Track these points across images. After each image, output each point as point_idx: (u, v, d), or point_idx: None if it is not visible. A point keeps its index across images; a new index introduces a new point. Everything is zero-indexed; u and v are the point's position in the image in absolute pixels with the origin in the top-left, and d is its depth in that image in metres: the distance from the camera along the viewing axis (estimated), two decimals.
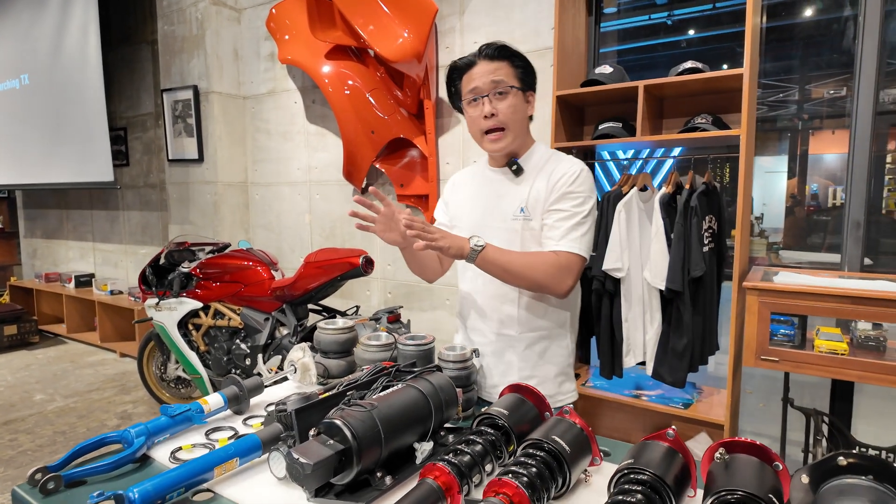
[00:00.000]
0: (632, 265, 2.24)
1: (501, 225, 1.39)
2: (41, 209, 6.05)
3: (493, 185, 1.43)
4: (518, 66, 1.33)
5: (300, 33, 3.10)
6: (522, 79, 1.34)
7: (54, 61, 4.47)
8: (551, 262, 1.30)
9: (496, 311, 1.42)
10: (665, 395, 2.31)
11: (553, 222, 1.33)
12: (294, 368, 1.49)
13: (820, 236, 5.97)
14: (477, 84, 1.31)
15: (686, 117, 2.25)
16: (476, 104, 1.33)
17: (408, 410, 1.03)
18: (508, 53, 1.32)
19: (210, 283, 2.84)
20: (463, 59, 1.35)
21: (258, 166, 3.91)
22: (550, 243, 1.32)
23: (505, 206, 1.39)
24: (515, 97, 1.32)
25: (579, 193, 1.33)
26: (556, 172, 1.35)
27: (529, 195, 1.37)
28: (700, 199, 2.12)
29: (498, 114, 1.31)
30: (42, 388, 3.79)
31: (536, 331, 1.41)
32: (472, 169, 1.53)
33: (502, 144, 1.35)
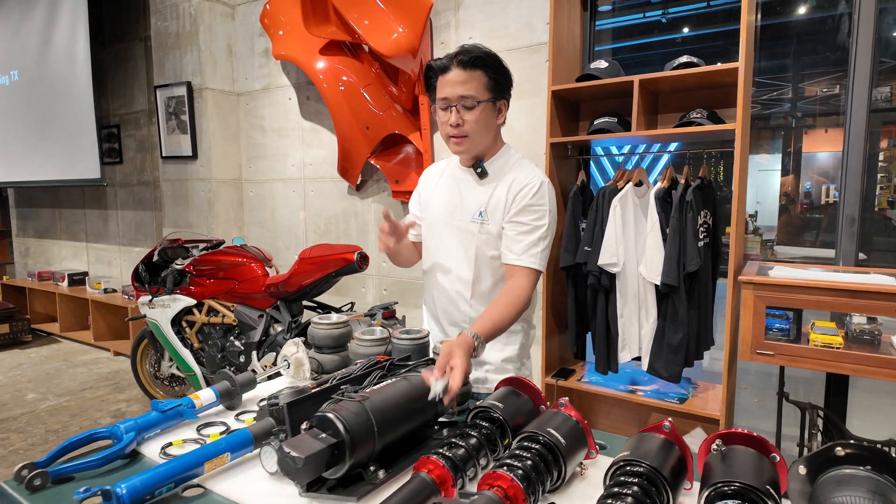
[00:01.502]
0: (627, 260, 2.24)
1: (460, 224, 1.43)
2: (33, 208, 6.00)
3: (459, 183, 1.46)
4: (491, 76, 1.32)
5: (294, 29, 3.08)
6: (494, 89, 1.33)
7: (43, 58, 4.43)
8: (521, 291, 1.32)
9: (454, 308, 1.47)
10: (660, 391, 2.31)
11: (514, 235, 1.36)
12: (287, 364, 1.48)
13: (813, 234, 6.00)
14: (447, 94, 1.32)
15: (681, 112, 2.25)
16: (446, 111, 1.34)
17: (402, 403, 1.02)
18: (482, 63, 1.30)
19: (204, 279, 2.82)
20: (438, 60, 1.35)
21: (252, 163, 3.89)
22: (511, 257, 1.36)
23: (466, 207, 1.43)
24: (484, 110, 1.33)
25: (539, 207, 1.36)
26: (518, 182, 1.37)
27: (490, 200, 1.39)
28: (695, 193, 2.12)
29: (464, 125, 1.33)
30: (34, 386, 3.76)
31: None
32: (445, 164, 1.55)
33: (463, 148, 1.37)
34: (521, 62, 2.65)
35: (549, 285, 2.44)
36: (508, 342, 1.47)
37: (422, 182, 1.57)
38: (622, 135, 2.21)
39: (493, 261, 1.41)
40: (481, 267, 1.42)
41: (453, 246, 1.44)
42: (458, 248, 1.43)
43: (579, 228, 2.41)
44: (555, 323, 2.52)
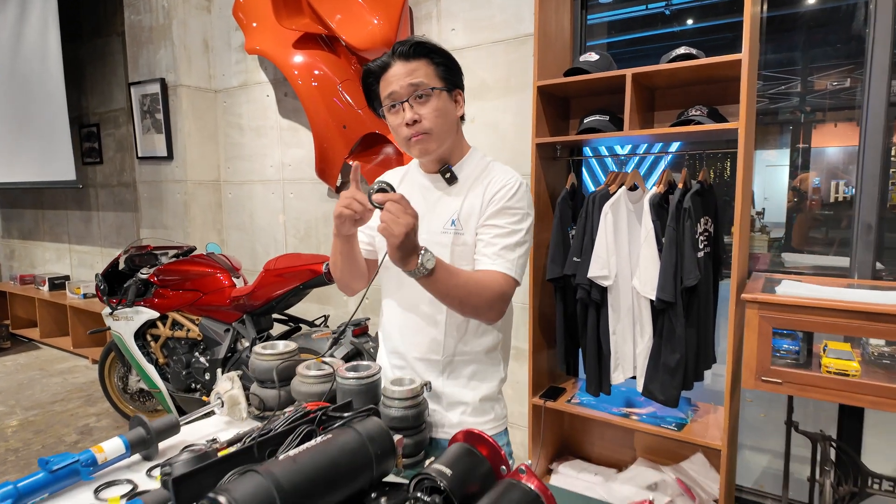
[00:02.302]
0: (620, 272, 2.04)
1: (428, 237, 1.21)
2: (17, 209, 5.85)
3: (423, 192, 1.26)
4: (438, 63, 1.16)
5: (266, 22, 2.89)
6: (445, 77, 1.17)
7: (15, 54, 4.25)
8: (493, 288, 1.12)
9: (421, 335, 1.24)
10: (657, 415, 2.12)
11: (488, 238, 1.16)
12: (221, 401, 1.30)
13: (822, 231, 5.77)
14: (394, 89, 1.14)
15: (679, 109, 2.04)
16: (396, 111, 1.16)
17: (322, 474, 0.83)
18: (426, 50, 1.15)
19: (168, 290, 2.64)
20: (376, 61, 1.18)
21: (231, 163, 3.71)
22: (484, 261, 1.16)
23: (434, 217, 1.22)
24: (439, 99, 1.15)
25: (518, 210, 1.17)
26: (494, 184, 1.19)
27: (462, 207, 1.20)
28: (694, 199, 1.92)
29: (421, 119, 1.14)
30: (4, 399, 3.60)
31: (464, 355, 1.24)
32: (402, 172, 1.34)
33: (426, 146, 1.17)
34: (506, 55, 2.45)
35: (536, 297, 2.25)
36: (486, 378, 1.26)
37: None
38: (614, 134, 2.01)
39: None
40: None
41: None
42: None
43: (568, 237, 2.21)
44: (542, 338, 2.32)
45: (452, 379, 1.23)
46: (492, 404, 1.26)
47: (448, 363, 1.22)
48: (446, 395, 1.23)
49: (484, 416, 1.23)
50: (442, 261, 1.07)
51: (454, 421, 1.22)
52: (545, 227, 2.25)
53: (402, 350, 1.27)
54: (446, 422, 1.22)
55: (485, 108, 2.53)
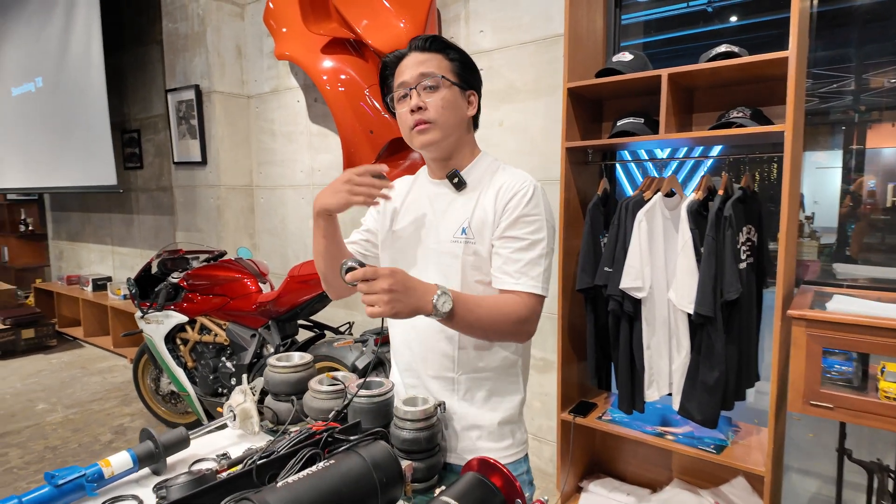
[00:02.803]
0: (655, 284, 1.93)
1: (437, 247, 1.15)
2: (65, 211, 6.08)
3: (431, 199, 1.19)
4: (453, 59, 1.13)
5: (296, 27, 2.89)
6: (459, 74, 1.13)
7: (62, 64, 4.42)
8: (518, 308, 1.06)
9: (432, 350, 1.17)
10: (694, 435, 1.99)
11: (508, 254, 1.09)
12: (233, 414, 1.27)
13: (878, 238, 5.44)
14: (404, 78, 1.11)
15: (720, 111, 1.92)
16: (405, 100, 1.12)
17: (322, 503, 0.78)
18: (441, 45, 1.13)
19: (196, 295, 2.66)
20: (393, 53, 1.16)
21: (263, 168, 3.74)
22: (506, 280, 1.09)
23: (444, 225, 1.15)
24: (449, 91, 1.11)
25: (535, 217, 1.10)
26: (507, 189, 1.11)
27: (474, 214, 1.13)
28: (735, 206, 1.80)
29: (426, 107, 1.09)
30: (46, 396, 3.72)
31: (480, 372, 1.16)
32: (411, 180, 1.29)
33: (429, 138, 1.11)
34: (536, 57, 2.37)
35: (565, 307, 2.16)
36: (505, 398, 1.18)
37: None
38: (649, 138, 1.90)
39: (484, 288, 1.13)
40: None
41: (431, 275, 1.16)
42: (438, 277, 1.14)
43: (600, 245, 2.11)
44: (572, 350, 2.23)
45: (468, 399, 1.16)
46: (511, 428, 1.18)
47: (463, 381, 1.15)
48: (461, 417, 1.16)
49: (501, 442, 1.16)
50: (461, 298, 1.00)
51: (469, 445, 1.15)
52: (575, 234, 2.16)
53: (413, 367, 1.21)
54: (461, 446, 1.15)
55: (513, 111, 2.46)
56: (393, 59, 1.15)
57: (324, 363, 2.23)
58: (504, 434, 1.17)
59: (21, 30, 4.92)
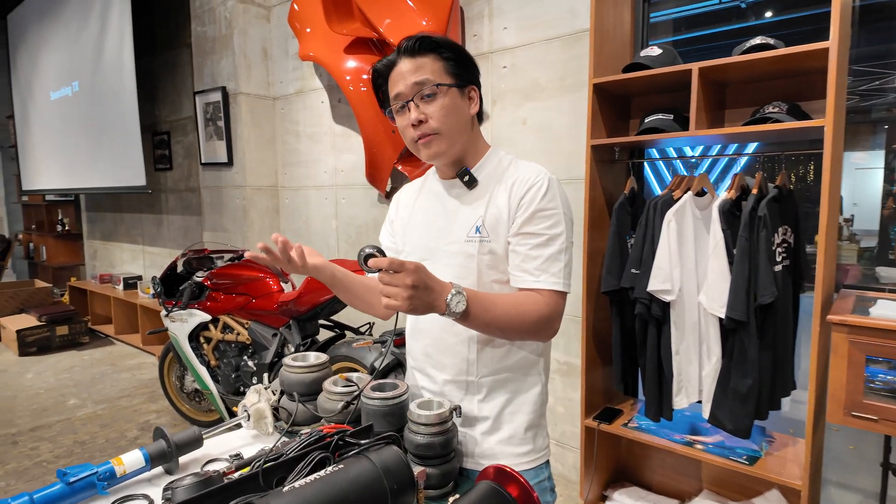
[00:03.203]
0: (684, 286, 1.86)
1: (451, 248, 1.10)
2: (99, 212, 6.25)
3: (442, 199, 1.16)
4: (447, 58, 1.06)
5: (320, 28, 2.90)
6: (456, 73, 1.07)
7: (97, 68, 4.54)
8: (539, 306, 1.02)
9: (449, 352, 1.13)
10: (725, 444, 1.91)
11: (526, 251, 1.05)
12: (248, 414, 1.25)
13: None
14: (399, 89, 1.06)
15: (754, 107, 1.84)
16: (403, 112, 1.08)
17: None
18: (432, 45, 1.06)
19: (219, 294, 2.68)
20: (382, 60, 1.10)
21: (287, 169, 3.76)
22: (526, 278, 1.04)
23: (457, 225, 1.11)
24: (447, 96, 1.05)
25: (551, 211, 1.05)
26: (520, 184, 1.07)
27: (487, 211, 1.08)
28: (770, 206, 1.71)
29: (427, 119, 1.05)
30: (77, 391, 3.81)
31: (500, 373, 1.12)
32: (419, 183, 1.25)
33: (435, 149, 1.07)
34: (561, 53, 2.31)
35: (590, 310, 2.10)
36: (527, 401, 1.13)
37: (393, 209, 1.28)
38: (678, 134, 1.83)
39: (501, 287, 1.09)
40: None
41: (446, 277, 1.12)
42: (453, 278, 1.08)
43: (626, 246, 2.05)
44: (597, 354, 2.16)
45: (486, 402, 1.11)
46: (532, 433, 1.13)
47: (481, 384, 1.11)
48: (480, 421, 1.11)
49: (522, 447, 1.11)
50: (476, 297, 0.96)
51: (488, 450, 1.10)
52: (601, 235, 2.10)
53: (429, 371, 1.17)
54: (479, 451, 1.11)
55: (537, 109, 2.40)
56: (383, 67, 1.09)
57: (343, 363, 2.22)
58: (525, 439, 1.12)
59: (60, 35, 5.08)
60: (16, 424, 3.26)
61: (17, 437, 3.10)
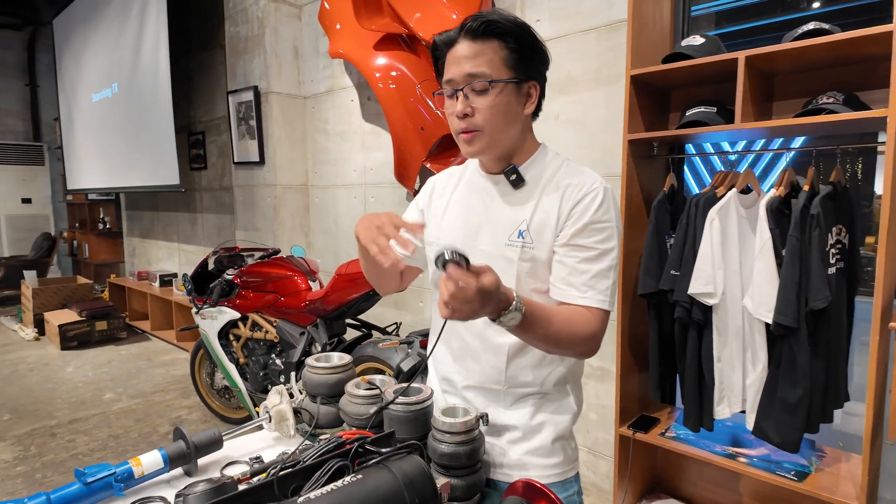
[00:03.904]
0: (728, 289, 1.75)
1: (490, 249, 1.03)
2: (138, 210, 6.41)
3: (484, 195, 1.07)
4: (512, 47, 0.95)
5: (349, 24, 2.87)
6: (517, 66, 0.96)
7: (135, 69, 4.64)
8: (591, 326, 0.96)
9: (479, 360, 1.06)
10: (771, 458, 1.79)
11: (574, 263, 0.97)
12: (269, 416, 1.22)
13: None
14: (452, 75, 0.97)
15: (806, 98, 1.72)
16: (453, 98, 0.99)
17: None
18: (499, 31, 0.94)
19: (249, 292, 2.69)
20: (443, 34, 1.00)
21: (317, 168, 3.76)
22: (572, 293, 0.97)
23: (498, 226, 1.03)
24: (502, 94, 0.96)
25: (605, 224, 0.97)
26: (573, 191, 0.99)
27: (534, 216, 1.00)
28: (824, 203, 1.60)
29: (473, 114, 0.96)
30: (114, 386, 3.90)
31: (530, 383, 1.05)
32: (459, 171, 1.16)
33: (476, 148, 0.99)
34: (597, 45, 2.22)
35: (626, 313, 2.01)
36: (558, 411, 1.06)
37: (424, 197, 1.18)
38: (722, 128, 1.73)
39: (539, 297, 1.02)
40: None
41: None
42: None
43: (666, 246, 1.95)
44: (633, 359, 2.07)
45: (515, 411, 1.05)
46: (562, 444, 1.06)
47: (510, 393, 1.05)
48: (508, 430, 1.05)
49: (551, 458, 1.04)
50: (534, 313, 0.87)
51: (516, 462, 1.04)
52: (638, 234, 2.00)
53: (455, 378, 1.11)
54: (507, 461, 1.05)
55: (571, 103, 2.32)
56: (442, 43, 1.00)
57: (369, 364, 2.18)
58: (555, 450, 1.05)
59: (101, 38, 5.23)
60: (55, 417, 3.35)
61: (56, 429, 3.18)
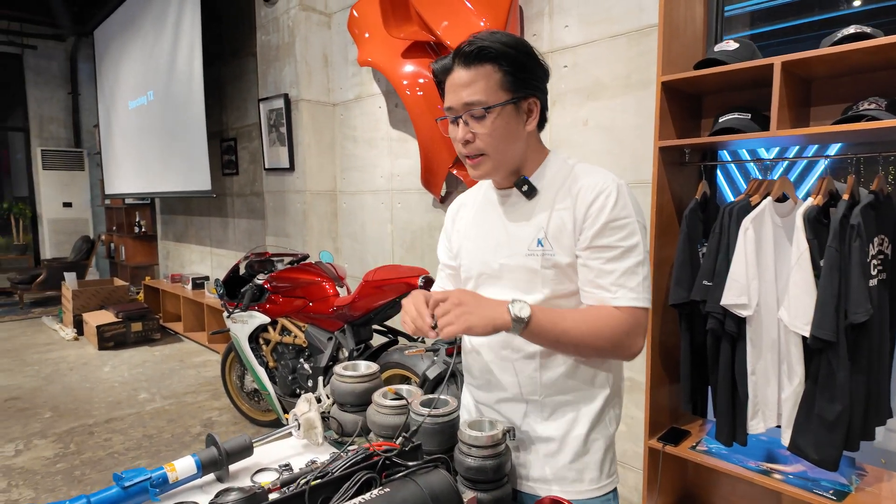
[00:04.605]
0: (763, 300, 1.70)
1: (511, 261, 1.04)
2: (172, 214, 6.59)
3: (499, 210, 1.09)
4: (506, 69, 0.97)
5: (378, 33, 2.91)
6: (513, 87, 0.98)
7: (170, 77, 4.78)
8: (616, 322, 0.95)
9: (509, 370, 1.06)
10: (808, 475, 1.73)
11: (600, 265, 0.97)
12: (298, 423, 1.24)
13: None
14: (451, 103, 1.00)
15: (845, 104, 1.67)
16: (455, 124, 1.01)
17: None
18: (491, 55, 0.96)
19: (278, 297, 2.73)
20: (438, 62, 1.03)
21: (346, 174, 3.81)
22: (602, 295, 0.97)
23: (517, 237, 1.04)
24: (500, 117, 0.98)
25: (625, 220, 0.97)
26: (586, 192, 0.99)
27: (550, 222, 1.01)
28: (866, 213, 1.54)
29: (475, 139, 0.99)
30: (148, 386, 4.01)
31: (566, 392, 1.04)
32: (475, 191, 1.19)
33: (482, 171, 1.02)
34: (627, 50, 2.20)
35: (656, 323, 1.97)
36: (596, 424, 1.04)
37: (449, 222, 1.22)
38: (757, 135, 1.69)
39: (566, 302, 1.02)
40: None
41: (508, 293, 1.05)
42: (516, 294, 1.04)
43: (698, 255, 1.91)
44: (663, 371, 2.03)
45: (552, 422, 1.04)
46: (601, 458, 1.05)
47: (545, 404, 1.04)
48: (544, 442, 1.04)
49: (589, 473, 1.03)
50: (542, 309, 0.93)
51: (551, 475, 1.03)
52: (669, 242, 1.97)
53: (487, 389, 1.10)
54: (539, 474, 1.04)
55: (599, 109, 2.30)
56: (439, 72, 1.03)
57: (395, 370, 2.19)
58: (591, 464, 1.04)
59: (138, 48, 5.40)
60: (93, 415, 3.46)
61: (94, 427, 3.28)
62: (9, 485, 2.64)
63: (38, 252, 8.13)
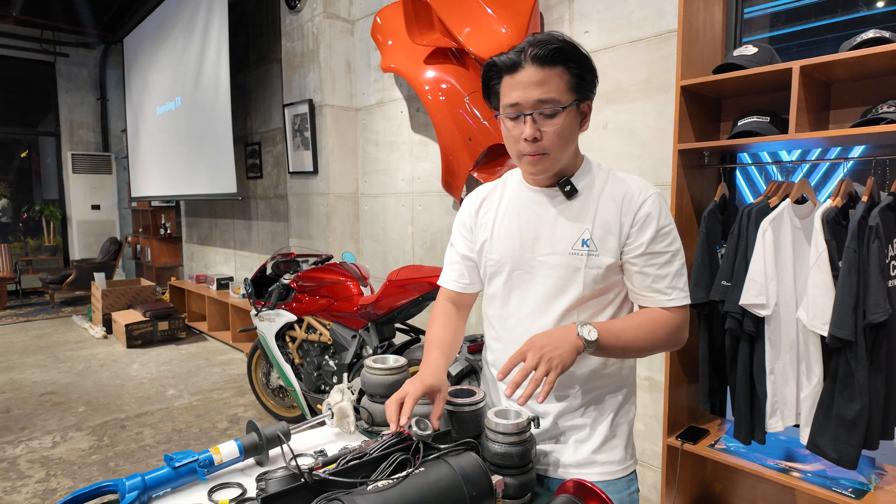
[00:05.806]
0: (781, 301, 1.73)
1: (553, 260, 1.08)
2: (196, 217, 6.76)
3: (538, 208, 1.12)
4: (575, 72, 1.00)
5: (401, 40, 2.98)
6: (578, 88, 1.02)
7: (197, 84, 4.92)
8: (667, 322, 1.06)
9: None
10: (826, 474, 1.75)
11: (655, 271, 1.06)
12: (331, 412, 1.30)
13: None
14: (519, 100, 1.01)
15: (865, 107, 1.69)
16: (518, 121, 1.03)
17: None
18: (564, 57, 0.99)
19: (304, 296, 2.81)
20: (504, 56, 1.03)
21: (367, 177, 3.89)
22: (660, 298, 1.07)
23: (559, 236, 1.09)
24: (567, 116, 1.02)
25: (670, 227, 1.07)
26: (631, 200, 1.06)
27: (595, 224, 1.06)
28: (884, 214, 1.56)
29: (542, 138, 1.02)
30: (176, 383, 4.13)
31: (593, 380, 1.12)
32: (500, 185, 1.21)
33: (540, 168, 1.06)
34: (647, 54, 2.24)
35: None
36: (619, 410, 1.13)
37: (467, 214, 1.22)
38: (776, 138, 1.72)
39: (599, 299, 1.09)
40: (589, 311, 1.09)
41: (544, 290, 1.10)
42: (554, 291, 1.09)
43: (717, 256, 1.94)
44: (682, 370, 2.06)
45: (584, 410, 1.11)
46: (626, 440, 1.13)
47: (576, 396, 1.11)
48: (566, 429, 1.10)
49: (616, 455, 1.10)
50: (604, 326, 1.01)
51: (573, 459, 1.09)
52: (688, 243, 2.00)
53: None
54: (563, 460, 1.10)
55: (619, 113, 2.34)
56: (504, 66, 1.02)
57: (416, 367, 2.25)
58: (617, 447, 1.11)
59: (166, 55, 5.57)
60: (124, 410, 3.58)
61: (125, 421, 3.40)
62: (47, 474, 2.76)
63: (67, 253, 8.38)
